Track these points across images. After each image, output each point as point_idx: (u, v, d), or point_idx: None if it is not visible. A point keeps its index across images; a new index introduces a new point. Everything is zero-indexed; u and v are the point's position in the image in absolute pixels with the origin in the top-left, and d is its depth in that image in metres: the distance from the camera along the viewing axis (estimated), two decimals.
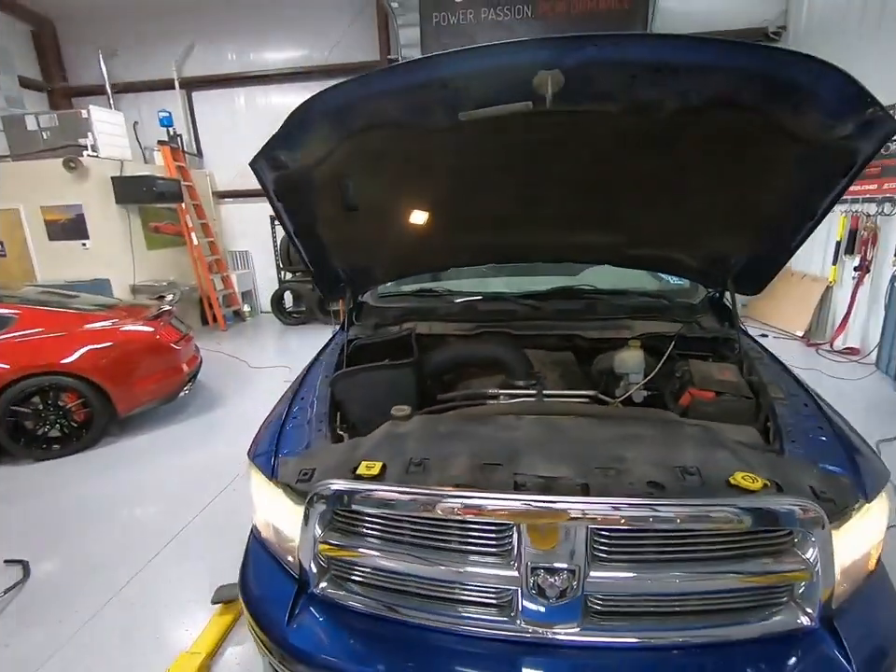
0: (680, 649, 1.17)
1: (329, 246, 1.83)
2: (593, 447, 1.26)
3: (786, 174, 1.37)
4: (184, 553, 2.67)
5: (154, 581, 2.47)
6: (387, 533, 1.24)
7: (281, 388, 1.91)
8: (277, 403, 1.80)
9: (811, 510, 1.07)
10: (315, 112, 1.20)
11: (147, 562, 2.61)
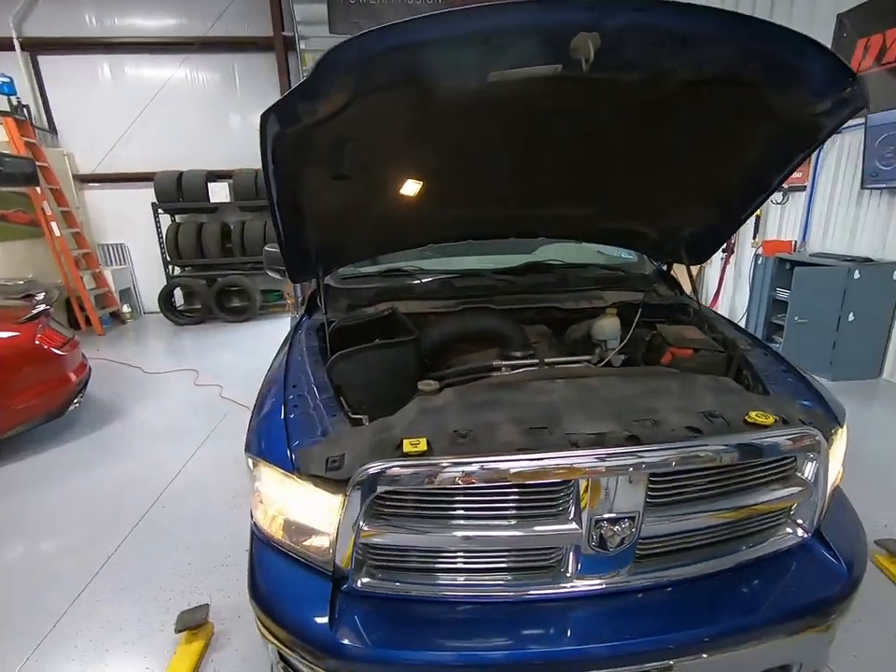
0: (704, 579, 1.29)
1: (310, 218, 1.68)
2: (625, 402, 1.32)
3: (754, 149, 1.55)
4: (117, 586, 2.30)
5: (87, 626, 2.09)
6: (439, 510, 1.18)
7: (194, 394, 1.69)
8: (263, 396, 1.62)
9: (817, 436, 1.23)
10: (354, 56, 1.08)
11: (72, 602, 2.20)
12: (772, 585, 1.29)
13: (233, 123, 7.60)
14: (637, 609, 1.24)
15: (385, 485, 1.13)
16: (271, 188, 1.45)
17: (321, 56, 1.07)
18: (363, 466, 1.13)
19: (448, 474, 1.11)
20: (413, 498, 1.19)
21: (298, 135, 1.28)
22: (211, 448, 3.56)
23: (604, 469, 1.11)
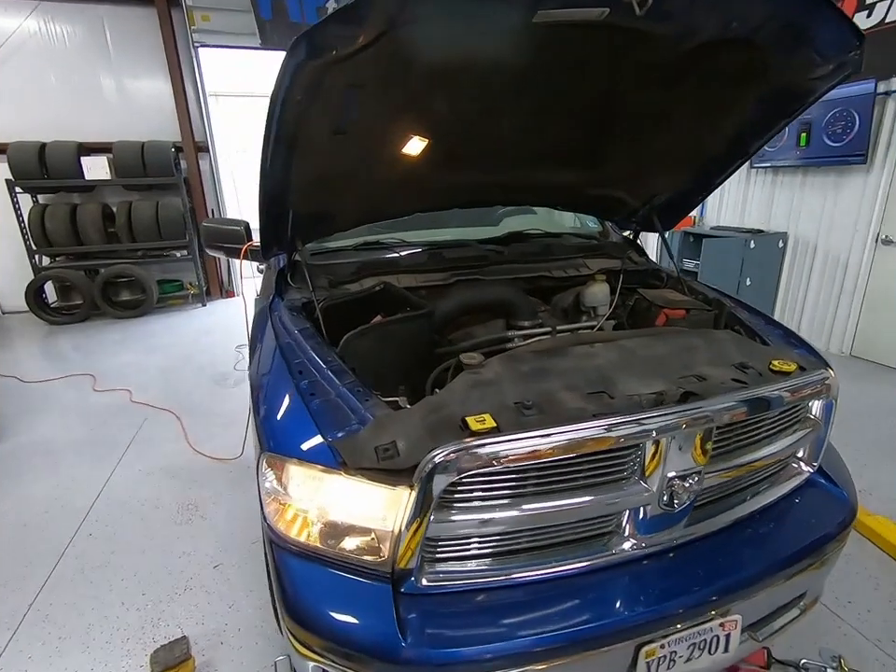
0: (738, 524, 1.35)
1: (299, 180, 1.46)
2: (664, 361, 1.33)
3: (742, 113, 1.62)
4: (52, 637, 1.90)
5: None
6: (511, 488, 1.10)
7: (97, 401, 1.44)
8: (264, 388, 1.40)
9: (829, 379, 1.34)
10: None
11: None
12: (795, 520, 1.40)
13: (107, 88, 6.53)
14: (692, 561, 1.26)
15: (463, 469, 1.02)
16: (269, 140, 1.23)
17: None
18: (434, 450, 1.01)
19: (532, 448, 1.03)
20: (483, 480, 1.09)
21: (317, 73, 1.08)
22: (135, 460, 3.09)
23: (685, 425, 1.10)
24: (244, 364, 4.67)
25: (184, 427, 3.46)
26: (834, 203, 4.38)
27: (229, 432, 3.37)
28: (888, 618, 1.89)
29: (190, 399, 3.95)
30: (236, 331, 5.71)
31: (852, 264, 4.33)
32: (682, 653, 1.20)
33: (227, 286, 7.43)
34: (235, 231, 2.20)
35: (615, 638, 1.12)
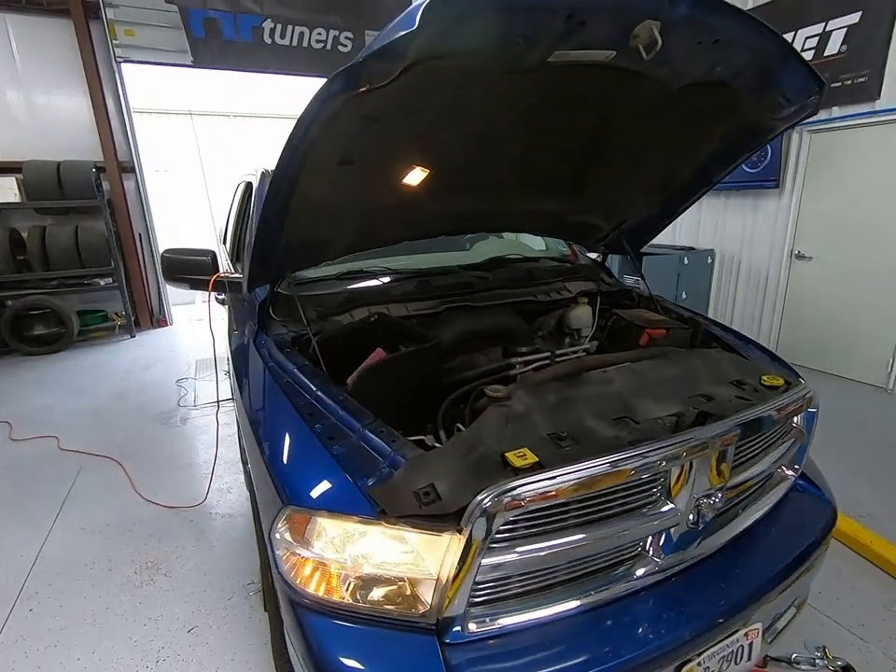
0: (741, 536, 1.42)
1: (296, 211, 1.40)
2: (672, 382, 1.39)
3: (713, 146, 1.75)
4: None
5: None
6: (554, 522, 1.09)
7: (16, 452, 1.31)
8: (272, 434, 1.29)
9: (812, 392, 1.45)
10: (463, 8, 0.90)
11: None
12: (791, 523, 1.49)
13: (13, 102, 5.94)
14: (713, 575, 1.30)
15: (513, 509, 0.99)
16: (281, 169, 1.16)
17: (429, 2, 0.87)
18: (482, 492, 0.98)
19: (578, 481, 1.03)
20: (527, 516, 1.07)
21: (341, 104, 1.04)
22: (74, 517, 2.74)
23: (717, 446, 1.15)
24: (188, 399, 4.34)
25: (128, 474, 3.13)
26: (753, 223, 4.85)
27: (182, 476, 3.10)
28: (853, 603, 2.06)
29: (132, 442, 3.59)
30: (174, 364, 5.32)
31: (772, 277, 4.80)
32: (714, 667, 1.23)
33: (157, 314, 6.91)
34: (201, 261, 2.06)
35: (661, 662, 1.13)
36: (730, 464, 1.23)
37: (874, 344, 4.15)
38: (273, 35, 6.01)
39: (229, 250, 3.08)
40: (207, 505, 2.76)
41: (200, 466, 3.24)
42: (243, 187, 2.93)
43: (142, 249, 6.61)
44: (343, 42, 6.33)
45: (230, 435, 3.46)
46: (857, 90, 3.92)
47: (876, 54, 3.83)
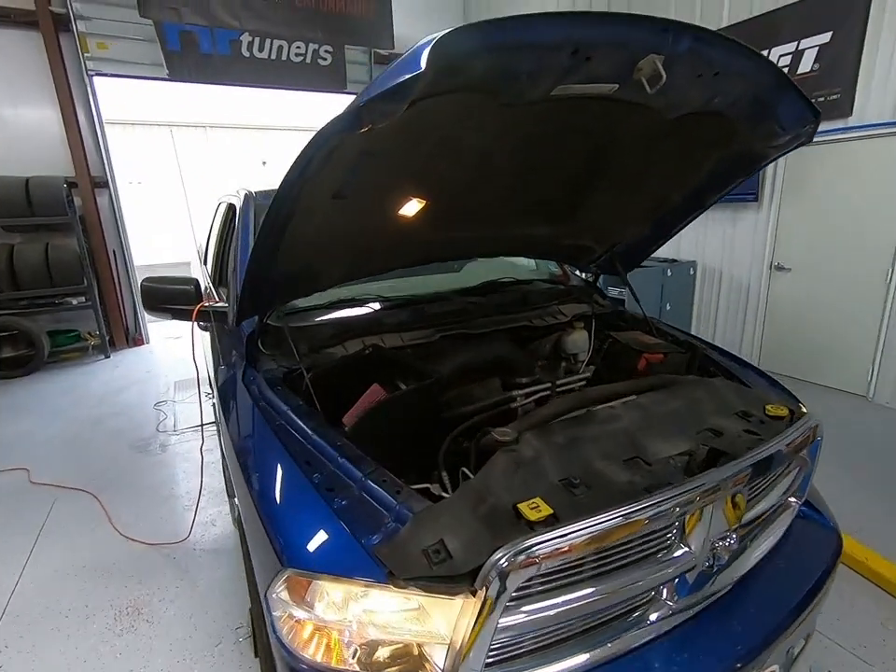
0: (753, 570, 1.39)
1: (287, 244, 1.33)
2: (679, 416, 1.36)
3: (708, 171, 1.75)
4: None
5: None
6: (570, 575, 1.04)
7: None
8: (263, 485, 1.21)
9: (818, 423, 1.44)
10: (468, 47, 0.86)
11: None
12: (799, 554, 1.47)
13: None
14: (726, 616, 1.27)
15: (530, 565, 0.94)
16: (274, 208, 1.10)
17: (439, 41, 0.82)
18: (498, 550, 0.92)
19: (596, 533, 0.98)
20: (542, 571, 1.02)
21: (340, 144, 0.99)
22: (47, 558, 2.59)
23: (731, 487, 1.12)
24: (168, 424, 4.18)
25: (105, 508, 2.98)
26: (733, 236, 4.93)
27: (164, 509, 2.97)
28: (853, 623, 2.05)
29: (108, 473, 3.43)
30: (151, 385, 5.15)
31: (753, 288, 4.87)
32: None
33: (133, 332, 6.70)
34: (184, 290, 1.98)
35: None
36: (744, 504, 1.20)
37: (854, 353, 4.24)
38: (252, 49, 5.92)
39: (210, 272, 2.98)
40: (191, 541, 2.64)
41: (182, 497, 3.10)
42: (224, 207, 2.84)
43: (116, 266, 6.41)
44: (322, 56, 6.28)
45: (212, 462, 3.32)
46: (830, 106, 4.02)
47: (847, 72, 3.94)
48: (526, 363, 1.80)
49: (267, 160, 12.06)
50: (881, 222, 3.92)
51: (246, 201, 2.31)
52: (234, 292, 1.94)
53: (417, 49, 0.84)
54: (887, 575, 2.22)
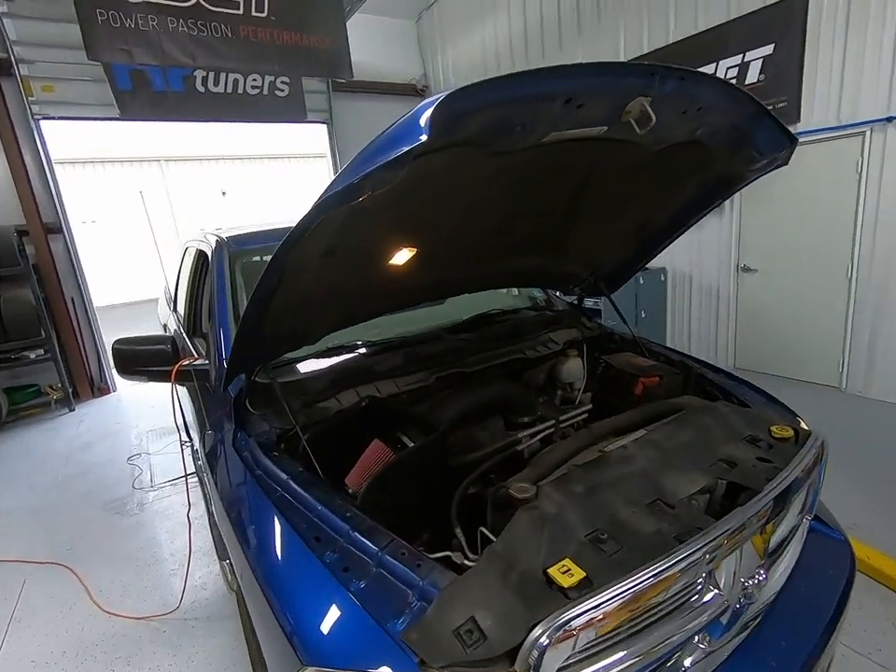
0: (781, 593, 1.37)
1: (278, 304, 1.27)
2: (690, 448, 1.34)
3: (686, 195, 1.77)
4: None
5: None
6: (610, 637, 0.99)
7: None
8: (273, 569, 1.13)
9: (824, 440, 1.44)
10: (467, 106, 0.82)
11: None
12: (818, 573, 1.46)
13: None
14: (759, 651, 1.24)
15: (570, 641, 0.89)
16: (268, 272, 1.05)
17: (440, 105, 0.79)
18: (536, 627, 0.87)
19: (634, 594, 0.94)
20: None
21: (340, 210, 0.95)
22: (22, 646, 2.38)
23: (758, 520, 1.10)
24: (144, 479, 3.97)
25: (83, 582, 2.77)
26: (699, 241, 5.07)
27: (149, 577, 2.78)
28: (865, 627, 2.07)
29: (83, 541, 3.20)
30: (122, 438, 4.89)
31: (722, 290, 5.01)
32: None
33: (99, 381, 6.38)
34: (161, 350, 1.87)
35: None
36: (771, 531, 1.19)
37: (824, 346, 4.38)
38: (206, 84, 5.83)
39: (183, 321, 2.86)
40: (181, 610, 2.47)
41: (167, 560, 2.92)
42: (193, 252, 2.73)
43: (76, 314, 6.12)
44: (279, 87, 6.23)
45: (196, 518, 3.15)
46: (779, 114, 4.18)
47: (792, 81, 4.14)
48: (526, 399, 1.76)
49: (226, 190, 11.85)
50: (837, 220, 4.10)
51: (219, 248, 2.22)
52: (215, 349, 1.85)
53: (417, 114, 0.80)
54: (889, 572, 2.25)
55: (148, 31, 4.12)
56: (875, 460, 3.22)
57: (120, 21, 4.03)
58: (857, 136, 3.86)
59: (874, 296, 3.98)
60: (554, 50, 6.06)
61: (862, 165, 3.86)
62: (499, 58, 6.81)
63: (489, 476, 1.50)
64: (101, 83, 5.47)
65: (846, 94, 3.87)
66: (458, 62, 7.55)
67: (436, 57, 7.91)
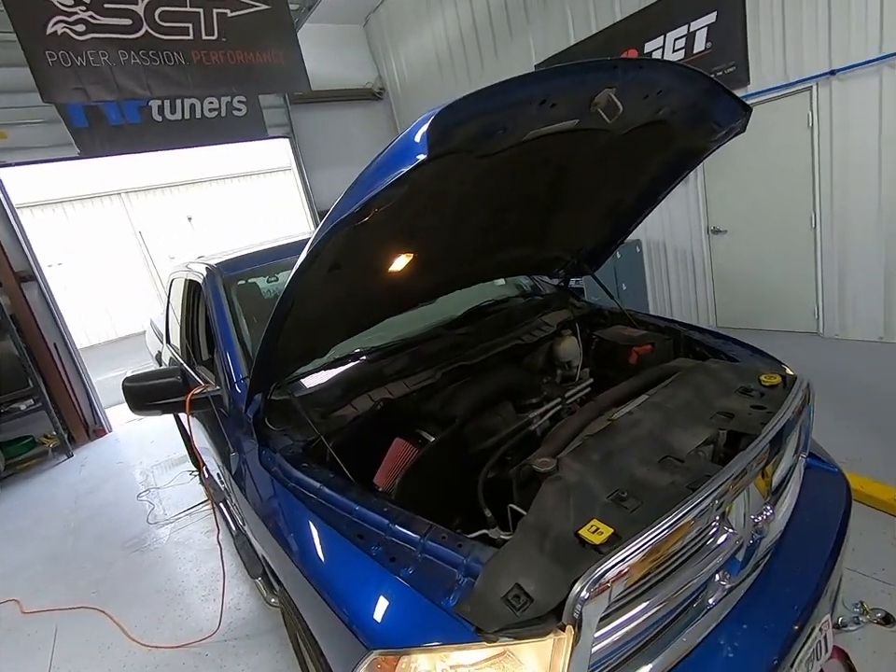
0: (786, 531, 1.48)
1: (292, 325, 1.34)
2: (689, 405, 1.44)
3: (653, 172, 1.87)
4: None
5: None
6: (638, 588, 1.08)
7: None
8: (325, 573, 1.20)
9: (808, 380, 1.56)
10: (461, 117, 0.90)
11: None
12: (820, 505, 1.58)
13: None
14: (774, 583, 1.35)
15: (607, 588, 0.98)
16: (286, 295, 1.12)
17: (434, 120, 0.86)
18: (576, 583, 0.96)
19: (661, 540, 1.03)
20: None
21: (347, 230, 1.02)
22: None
23: (759, 462, 1.20)
24: (158, 514, 3.98)
25: (116, 621, 2.80)
26: (668, 208, 5.22)
27: (180, 606, 2.82)
28: (868, 551, 2.21)
29: (107, 582, 3.22)
30: (127, 477, 4.87)
31: (696, 254, 5.18)
32: (803, 670, 1.28)
33: (93, 423, 6.32)
34: (172, 382, 1.92)
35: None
36: (771, 472, 1.29)
37: (798, 296, 4.57)
38: (163, 112, 5.78)
39: (181, 352, 2.88)
40: (220, 632, 2.52)
41: (196, 588, 2.96)
42: (184, 284, 2.75)
43: (61, 359, 6.04)
44: (237, 107, 6.21)
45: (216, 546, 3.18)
46: (729, 79, 4.35)
47: (737, 46, 4.29)
48: (530, 382, 1.86)
49: (193, 215, 11.69)
50: (796, 174, 4.27)
51: (211, 276, 2.26)
52: (225, 374, 1.90)
53: (412, 133, 0.87)
54: (884, 497, 2.41)
55: (101, 66, 4.09)
56: (858, 397, 3.40)
57: (71, 61, 3.99)
58: (804, 92, 4.03)
59: (838, 241, 4.17)
60: (505, 39, 6.14)
61: (813, 119, 4.03)
62: (452, 51, 6.87)
63: (507, 458, 1.59)
64: (56, 124, 5.39)
65: (790, 53, 4.03)
66: (411, 60, 7.59)
67: (388, 58, 7.93)
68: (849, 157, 3.91)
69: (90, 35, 4.04)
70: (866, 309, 4.17)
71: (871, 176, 3.84)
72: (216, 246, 5.75)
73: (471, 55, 6.65)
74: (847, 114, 3.84)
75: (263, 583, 1.94)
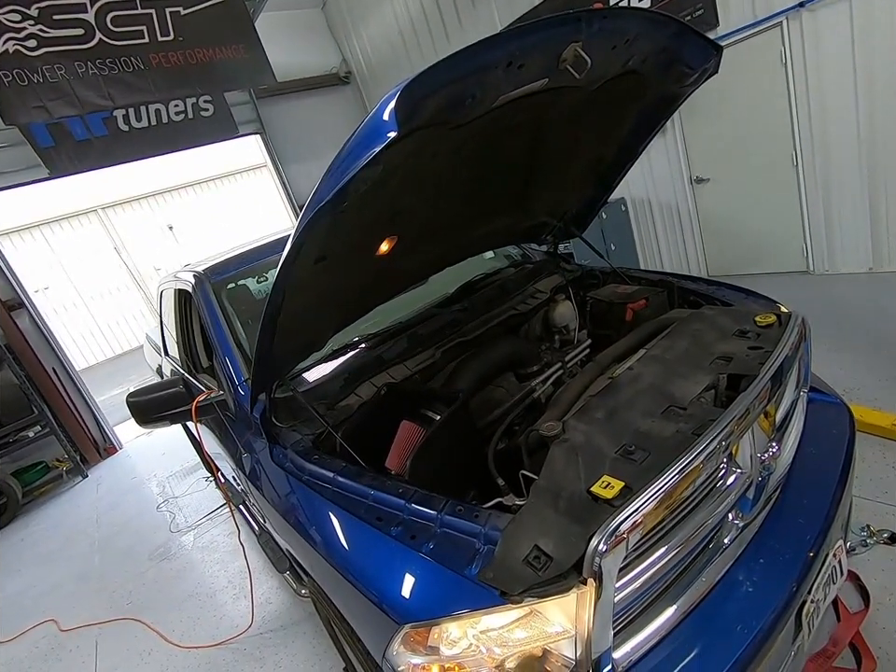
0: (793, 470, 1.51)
1: (285, 322, 1.34)
2: (688, 353, 1.46)
3: (629, 124, 1.85)
4: None
5: None
6: (654, 535, 1.11)
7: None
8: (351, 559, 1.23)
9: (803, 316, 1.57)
10: (430, 88, 0.89)
11: None
12: (826, 435, 1.61)
13: None
14: (786, 514, 1.39)
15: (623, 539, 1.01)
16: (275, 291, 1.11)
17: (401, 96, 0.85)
18: (593, 537, 0.99)
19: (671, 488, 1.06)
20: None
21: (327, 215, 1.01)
22: None
23: (761, 400, 1.22)
24: (179, 522, 4.03)
25: (154, 628, 2.87)
26: (649, 162, 5.17)
27: (213, 607, 2.89)
28: (871, 476, 2.27)
29: (140, 592, 3.29)
30: (144, 491, 4.92)
31: (681, 206, 5.15)
32: (820, 597, 1.32)
33: (104, 443, 6.35)
34: (175, 392, 1.93)
35: (785, 616, 1.19)
36: (774, 411, 1.32)
37: (786, 236, 4.57)
38: (129, 121, 5.65)
39: (179, 360, 2.88)
40: (254, 626, 2.59)
41: (226, 588, 3.02)
42: (172, 294, 2.74)
43: (62, 383, 6.03)
44: (203, 107, 6.07)
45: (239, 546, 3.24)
46: (698, 22, 4.27)
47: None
48: (530, 351, 1.87)
49: (173, 223, 11.53)
50: (773, 113, 4.22)
51: (200, 283, 2.24)
52: (227, 378, 1.90)
53: (379, 112, 0.86)
54: (883, 424, 2.45)
55: (59, 81, 3.98)
56: (852, 328, 3.43)
57: (27, 79, 3.88)
58: (775, 28, 3.96)
59: (821, 176, 4.15)
60: (468, 8, 5.99)
61: (786, 55, 3.97)
62: (415, 26, 6.70)
63: (514, 428, 1.61)
64: (21, 146, 5.28)
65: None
66: (374, 39, 7.40)
67: (351, 40, 7.74)
68: (825, 88, 3.87)
69: (42, 50, 3.93)
70: (853, 242, 4.17)
71: (848, 105, 3.79)
72: (200, 253, 5.69)
73: (435, 28, 6.49)
74: (820, 45, 3.78)
75: (292, 577, 1.98)
